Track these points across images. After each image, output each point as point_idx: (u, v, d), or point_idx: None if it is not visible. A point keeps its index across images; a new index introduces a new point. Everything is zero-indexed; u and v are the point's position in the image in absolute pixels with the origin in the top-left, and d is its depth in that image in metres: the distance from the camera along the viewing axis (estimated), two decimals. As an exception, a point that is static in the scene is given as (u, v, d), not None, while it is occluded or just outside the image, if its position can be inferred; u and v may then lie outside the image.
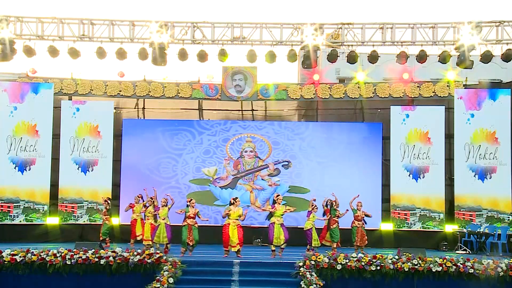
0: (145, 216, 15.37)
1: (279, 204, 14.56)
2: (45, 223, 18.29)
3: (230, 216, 14.24)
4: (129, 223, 16.15)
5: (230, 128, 19.30)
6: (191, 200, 14.80)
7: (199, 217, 14.67)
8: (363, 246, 15.55)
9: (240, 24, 16.96)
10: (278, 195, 14.92)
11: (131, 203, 16.15)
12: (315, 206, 15.21)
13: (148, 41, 16.71)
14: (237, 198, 14.69)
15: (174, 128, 19.25)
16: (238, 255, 13.94)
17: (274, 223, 14.36)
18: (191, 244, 14.29)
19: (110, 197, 17.34)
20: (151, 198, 15.39)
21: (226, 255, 14.01)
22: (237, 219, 14.23)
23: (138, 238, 15.69)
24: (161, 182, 18.74)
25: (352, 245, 15.63)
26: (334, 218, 15.48)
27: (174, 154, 19.13)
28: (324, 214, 15.56)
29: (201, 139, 19.19)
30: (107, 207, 16.34)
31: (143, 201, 15.86)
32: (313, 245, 14.83)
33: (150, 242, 14.83)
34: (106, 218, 16.22)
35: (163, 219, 14.77)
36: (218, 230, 14.69)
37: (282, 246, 14.31)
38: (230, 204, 14.49)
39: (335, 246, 15.21)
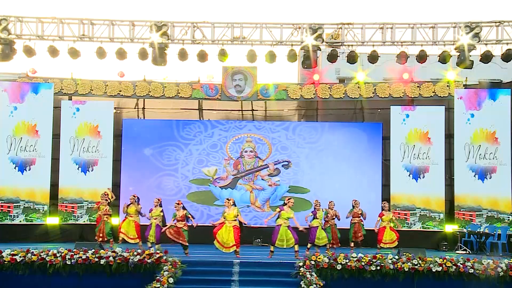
0: (127, 213, 15.24)
1: (289, 207, 14.39)
2: (45, 223, 18.30)
3: (226, 217, 14.18)
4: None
5: (230, 128, 19.32)
6: (179, 203, 14.62)
7: (188, 217, 14.56)
8: (360, 243, 15.70)
9: (240, 24, 16.94)
10: (290, 198, 14.73)
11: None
12: (319, 204, 15.23)
13: (148, 41, 16.71)
14: (230, 199, 14.56)
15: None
16: (237, 255, 13.90)
17: (280, 225, 14.30)
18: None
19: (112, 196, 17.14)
20: (134, 197, 15.37)
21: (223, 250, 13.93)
22: (234, 220, 14.12)
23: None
24: (160, 168, 18.93)
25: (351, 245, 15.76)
26: (327, 220, 15.59)
27: (181, 143, 19.24)
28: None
29: (200, 140, 19.21)
30: (108, 205, 16.28)
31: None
32: (315, 243, 14.83)
33: (138, 240, 14.87)
34: (107, 217, 16.13)
35: (155, 219, 14.77)
36: (217, 230, 14.72)
37: (296, 248, 14.09)
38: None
39: (329, 246, 15.23)
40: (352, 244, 15.89)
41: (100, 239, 15.63)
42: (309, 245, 14.87)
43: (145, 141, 19.21)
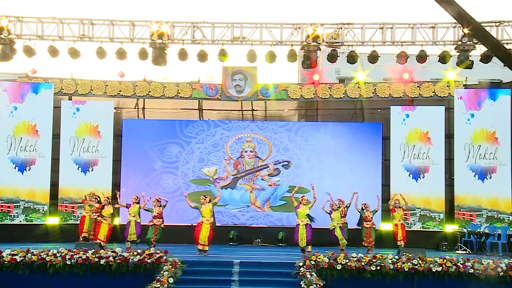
0: (101, 216, 15.40)
1: (304, 205, 14.57)
2: (45, 223, 18.27)
3: (202, 214, 14.44)
4: (126, 223, 16.13)
5: (233, 127, 19.32)
6: (159, 199, 15.03)
7: (164, 205, 14.96)
8: (370, 247, 15.60)
9: (240, 24, 16.97)
10: (303, 196, 15.00)
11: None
12: (334, 203, 15.29)
13: (148, 41, 16.71)
14: (207, 196, 14.82)
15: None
16: (205, 254, 14.10)
17: (298, 224, 14.43)
18: (154, 244, 14.40)
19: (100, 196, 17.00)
20: (107, 198, 15.63)
21: (198, 253, 14.17)
22: (211, 217, 14.42)
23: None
24: (161, 165, 19.01)
25: (361, 245, 15.71)
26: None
27: (183, 141, 19.25)
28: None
29: (201, 138, 19.22)
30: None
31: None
32: (340, 244, 14.87)
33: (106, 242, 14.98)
34: (97, 215, 16.25)
35: (133, 216, 14.98)
36: (216, 230, 14.72)
37: (308, 249, 14.28)
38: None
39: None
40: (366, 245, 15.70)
41: (92, 237, 15.73)
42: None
43: (146, 141, 19.18)
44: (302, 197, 14.99)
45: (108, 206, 15.37)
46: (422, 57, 16.81)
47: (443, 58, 16.82)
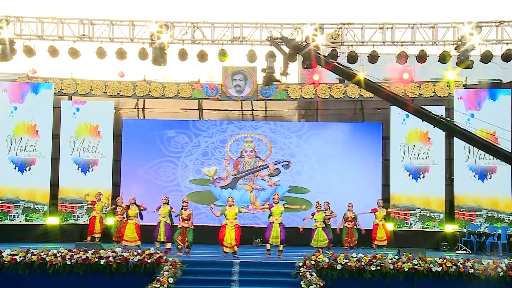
0: (127, 216, 15.38)
1: (276, 203, 14.61)
2: (45, 223, 18.30)
3: (227, 216, 14.33)
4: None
5: (229, 128, 19.32)
6: (185, 202, 14.82)
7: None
8: (352, 246, 15.77)
9: (240, 24, 16.92)
10: (276, 194, 15.05)
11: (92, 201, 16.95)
12: (320, 205, 15.37)
13: (148, 41, 16.68)
14: (231, 198, 14.80)
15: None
16: (235, 255, 13.98)
17: (273, 222, 14.42)
18: (182, 246, 14.24)
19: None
20: (133, 198, 15.54)
21: (225, 255, 14.09)
22: (235, 219, 14.30)
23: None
24: (164, 154, 19.14)
25: (342, 245, 15.82)
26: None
27: (192, 133, 19.36)
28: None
29: (198, 140, 19.22)
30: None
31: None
32: (312, 244, 14.93)
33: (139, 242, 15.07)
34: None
35: (164, 217, 14.89)
36: (217, 230, 14.71)
37: (280, 248, 14.32)
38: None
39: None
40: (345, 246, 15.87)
41: (117, 239, 15.73)
42: None
43: (147, 137, 19.18)
44: (275, 195, 14.99)
45: (133, 206, 15.36)
46: (422, 57, 16.77)
47: (443, 58, 16.77)
